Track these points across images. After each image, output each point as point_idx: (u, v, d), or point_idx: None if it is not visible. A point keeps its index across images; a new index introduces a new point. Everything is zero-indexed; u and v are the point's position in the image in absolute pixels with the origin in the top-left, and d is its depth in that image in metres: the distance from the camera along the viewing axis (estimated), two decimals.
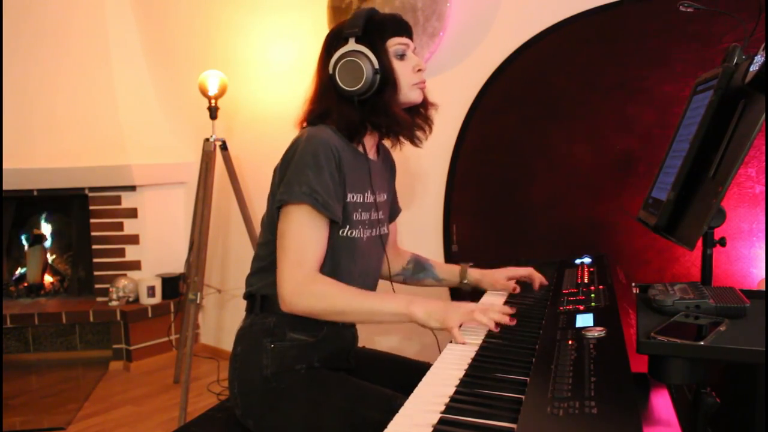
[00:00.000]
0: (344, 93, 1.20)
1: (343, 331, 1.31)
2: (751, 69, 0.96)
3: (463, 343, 1.04)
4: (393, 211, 1.50)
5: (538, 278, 1.43)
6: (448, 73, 2.14)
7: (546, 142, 1.91)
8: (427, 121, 1.34)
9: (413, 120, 1.31)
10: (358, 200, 1.25)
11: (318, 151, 1.15)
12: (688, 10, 1.24)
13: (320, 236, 1.17)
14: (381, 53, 1.21)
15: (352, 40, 1.20)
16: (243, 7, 2.77)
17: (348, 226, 1.22)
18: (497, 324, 1.08)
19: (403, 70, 1.24)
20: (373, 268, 1.35)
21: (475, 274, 1.49)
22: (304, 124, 1.28)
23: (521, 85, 1.97)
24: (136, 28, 3.23)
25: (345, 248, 1.23)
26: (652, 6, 1.69)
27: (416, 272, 1.55)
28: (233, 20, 2.82)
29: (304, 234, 1.15)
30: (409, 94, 1.26)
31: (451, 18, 2.09)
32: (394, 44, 1.23)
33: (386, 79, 1.21)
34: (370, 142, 1.31)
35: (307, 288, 1.12)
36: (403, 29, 1.26)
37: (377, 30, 1.22)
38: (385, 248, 1.39)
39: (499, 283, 1.43)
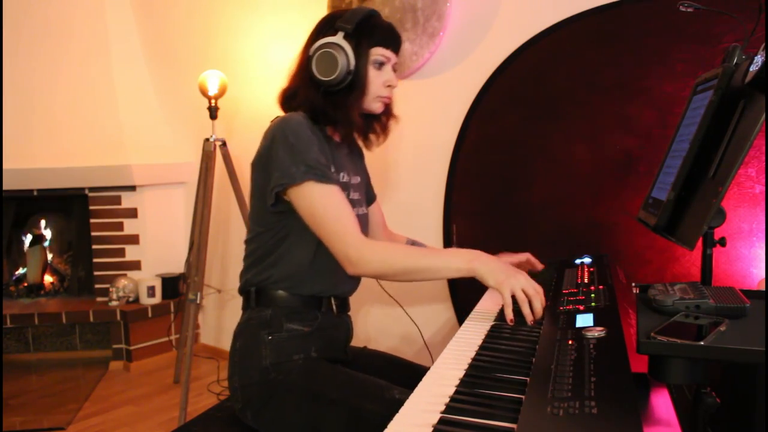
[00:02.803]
0: (314, 78, 1.23)
1: (338, 320, 1.34)
2: (751, 69, 0.96)
3: (511, 321, 1.09)
4: (369, 196, 1.54)
5: (535, 263, 1.51)
6: (448, 73, 2.14)
7: (546, 142, 1.91)
8: (385, 130, 1.39)
9: (369, 126, 1.36)
10: (338, 179, 1.29)
11: (298, 130, 1.19)
12: (688, 10, 1.24)
13: (343, 201, 1.20)
14: (361, 57, 1.24)
15: (341, 34, 1.23)
16: (243, 7, 2.77)
17: None
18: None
19: (375, 80, 1.28)
20: None
21: None
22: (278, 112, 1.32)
23: (521, 85, 1.96)
24: (136, 28, 3.23)
25: None
26: (652, 6, 1.69)
27: None
28: (233, 20, 2.82)
29: (330, 206, 1.18)
30: (372, 103, 1.30)
31: (451, 18, 2.09)
32: (377, 53, 1.26)
33: (356, 82, 1.25)
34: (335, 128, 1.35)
35: (368, 251, 1.17)
36: (392, 42, 1.29)
37: (368, 34, 1.25)
38: (366, 228, 1.43)
39: None
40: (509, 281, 1.10)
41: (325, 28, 1.28)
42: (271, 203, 1.22)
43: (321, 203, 1.18)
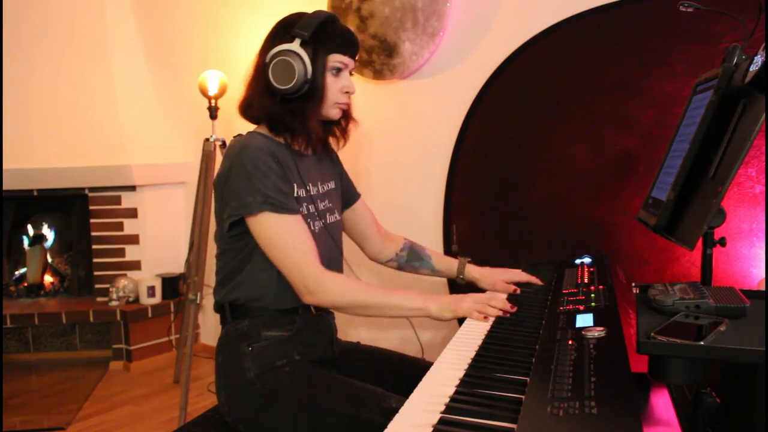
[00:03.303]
0: (271, 87, 1.21)
1: (319, 319, 1.32)
2: (751, 69, 0.96)
3: (485, 319, 1.16)
4: (350, 196, 1.51)
5: (535, 282, 1.45)
6: (448, 73, 2.14)
7: (546, 142, 1.91)
8: (345, 134, 1.38)
9: (329, 131, 1.35)
10: (302, 194, 1.27)
11: (256, 157, 1.17)
12: (688, 10, 1.24)
13: (302, 231, 1.20)
14: (318, 64, 1.22)
15: (297, 41, 1.21)
16: (243, 7, 2.77)
17: None
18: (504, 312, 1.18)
19: (332, 87, 1.26)
20: (335, 256, 1.37)
21: (473, 272, 1.50)
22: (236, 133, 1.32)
23: (521, 85, 1.96)
24: (136, 28, 3.23)
25: None
26: (652, 6, 1.69)
27: (411, 260, 1.56)
28: (233, 20, 2.82)
29: (289, 236, 1.18)
30: (330, 110, 1.28)
31: (451, 18, 2.09)
32: (335, 60, 1.24)
33: (313, 91, 1.23)
34: None
35: (328, 282, 1.17)
36: (349, 48, 1.27)
37: (325, 40, 1.23)
38: (340, 235, 1.41)
39: (498, 284, 1.43)
40: (462, 307, 1.19)
41: (281, 33, 1.26)
42: (226, 230, 1.22)
43: (278, 234, 1.17)
